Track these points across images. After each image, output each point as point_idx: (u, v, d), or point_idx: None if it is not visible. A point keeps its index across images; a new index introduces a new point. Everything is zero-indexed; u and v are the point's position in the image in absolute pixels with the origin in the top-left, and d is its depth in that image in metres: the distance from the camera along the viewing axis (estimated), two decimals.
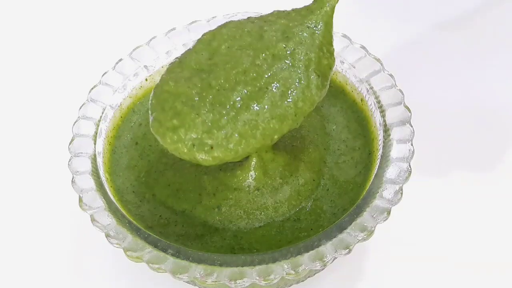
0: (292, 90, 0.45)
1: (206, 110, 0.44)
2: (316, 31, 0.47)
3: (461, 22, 0.73)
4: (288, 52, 0.46)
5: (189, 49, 0.49)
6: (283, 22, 0.47)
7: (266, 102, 0.45)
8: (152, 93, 0.47)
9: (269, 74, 0.45)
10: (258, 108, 0.45)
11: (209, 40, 0.48)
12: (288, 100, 0.45)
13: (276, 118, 0.45)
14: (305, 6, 0.48)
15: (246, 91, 0.45)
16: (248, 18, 0.49)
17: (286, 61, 0.46)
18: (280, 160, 0.50)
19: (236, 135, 0.44)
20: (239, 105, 0.45)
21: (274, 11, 0.49)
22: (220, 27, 0.49)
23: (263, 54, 0.46)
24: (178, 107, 0.45)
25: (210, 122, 0.44)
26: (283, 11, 0.49)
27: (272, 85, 0.45)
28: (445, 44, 0.70)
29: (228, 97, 0.45)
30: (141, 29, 0.64)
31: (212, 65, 0.46)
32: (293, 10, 0.48)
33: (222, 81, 0.45)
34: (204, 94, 0.45)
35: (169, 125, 0.45)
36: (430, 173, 0.58)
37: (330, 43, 0.47)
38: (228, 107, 0.45)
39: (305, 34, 0.47)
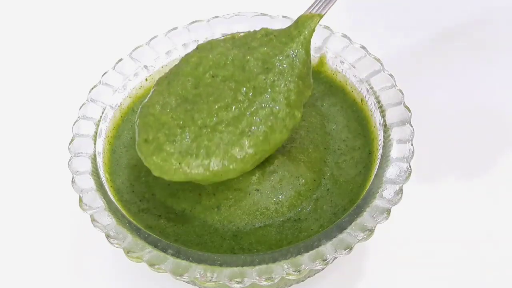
0: (270, 125, 0.47)
1: (187, 148, 0.46)
2: (295, 61, 0.49)
3: (461, 23, 0.72)
4: (268, 84, 0.48)
5: (178, 66, 0.51)
6: (264, 50, 0.50)
7: (246, 143, 0.46)
8: (138, 111, 0.50)
9: (249, 112, 0.47)
10: (237, 149, 0.46)
11: (196, 64, 0.50)
12: (266, 132, 0.47)
13: (254, 149, 0.46)
14: (287, 30, 0.50)
15: (226, 134, 0.47)
16: (234, 37, 0.52)
17: (266, 95, 0.48)
18: (279, 160, 0.50)
19: (216, 167, 0.46)
20: (219, 147, 0.47)
21: (261, 29, 0.51)
22: (208, 50, 0.51)
23: (244, 89, 0.48)
24: (160, 140, 0.47)
25: (190, 160, 0.46)
26: (267, 34, 0.51)
27: (252, 128, 0.47)
28: (445, 44, 0.70)
29: (210, 138, 0.47)
30: (141, 29, 0.64)
31: (197, 95, 0.49)
32: (275, 35, 0.50)
33: (204, 115, 0.47)
34: (186, 129, 0.47)
35: (151, 161, 0.47)
36: (430, 173, 0.58)
37: (308, 73, 0.50)
38: (208, 147, 0.46)
39: (284, 64, 0.49)
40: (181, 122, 0.47)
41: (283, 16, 0.58)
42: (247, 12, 0.58)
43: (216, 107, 0.48)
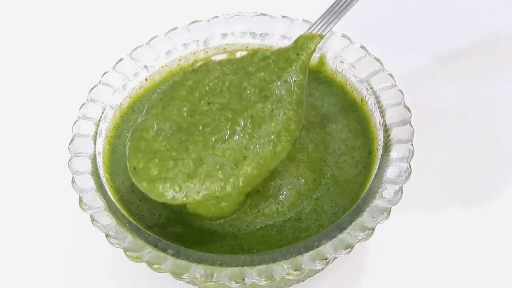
0: (267, 156, 0.46)
1: (180, 179, 0.45)
2: (293, 87, 0.48)
3: (461, 24, 0.72)
4: (266, 113, 0.47)
5: (173, 88, 0.50)
6: (261, 75, 0.49)
7: (239, 172, 0.45)
8: (130, 132, 0.49)
9: (246, 146, 0.46)
10: (231, 180, 0.45)
11: (191, 89, 0.49)
12: (260, 164, 0.46)
13: (244, 180, 0.46)
14: (285, 53, 0.50)
15: (221, 172, 0.45)
16: (230, 60, 0.51)
17: (264, 126, 0.46)
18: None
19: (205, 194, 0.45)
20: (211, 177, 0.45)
21: (258, 52, 0.50)
22: (203, 73, 0.50)
23: (242, 120, 0.47)
24: (151, 171, 0.46)
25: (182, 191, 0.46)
26: (264, 59, 0.50)
27: (247, 160, 0.45)
28: (446, 44, 0.70)
29: (202, 171, 0.45)
30: (141, 29, 0.64)
31: (192, 124, 0.47)
32: (273, 59, 0.50)
33: (200, 148, 0.46)
34: (179, 163, 0.46)
35: (143, 187, 0.46)
36: (430, 173, 0.58)
37: (305, 96, 0.48)
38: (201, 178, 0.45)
39: (282, 91, 0.48)
40: (175, 154, 0.46)
41: (283, 16, 0.58)
42: (247, 12, 0.58)
43: (213, 139, 0.46)
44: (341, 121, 0.54)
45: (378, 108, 0.52)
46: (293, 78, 0.49)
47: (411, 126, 0.49)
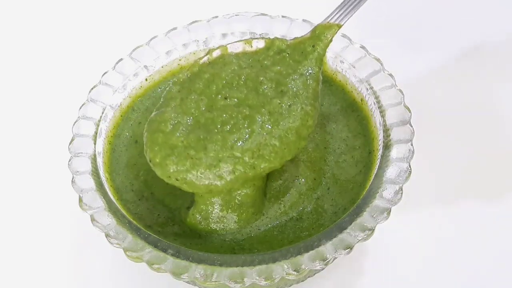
0: (284, 156, 0.46)
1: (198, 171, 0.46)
2: (309, 81, 0.48)
3: (462, 24, 0.72)
4: (284, 109, 0.47)
5: (191, 80, 0.49)
6: (277, 69, 0.48)
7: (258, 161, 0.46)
8: (147, 122, 0.48)
9: (265, 144, 0.46)
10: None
11: (208, 82, 0.49)
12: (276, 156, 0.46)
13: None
14: (301, 44, 0.49)
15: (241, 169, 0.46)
16: (246, 53, 0.50)
17: (283, 123, 0.46)
18: None
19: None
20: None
21: (274, 44, 0.50)
22: (220, 66, 0.50)
23: (260, 118, 0.46)
24: (169, 166, 0.46)
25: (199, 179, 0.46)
26: (279, 52, 0.49)
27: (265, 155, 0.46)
28: (446, 44, 0.70)
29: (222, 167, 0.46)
30: (141, 29, 0.64)
31: (210, 121, 0.47)
32: (288, 52, 0.49)
33: (218, 148, 0.46)
34: (197, 163, 0.46)
35: (166, 172, 0.46)
36: (430, 173, 0.58)
37: (318, 94, 0.48)
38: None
39: (299, 84, 0.48)
40: (193, 153, 0.46)
41: (282, 16, 0.58)
42: (247, 12, 0.58)
43: (232, 140, 0.46)
44: (341, 120, 0.54)
45: (378, 108, 0.52)
46: (309, 71, 0.48)
47: (411, 126, 0.49)
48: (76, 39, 0.74)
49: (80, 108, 0.53)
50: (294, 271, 0.43)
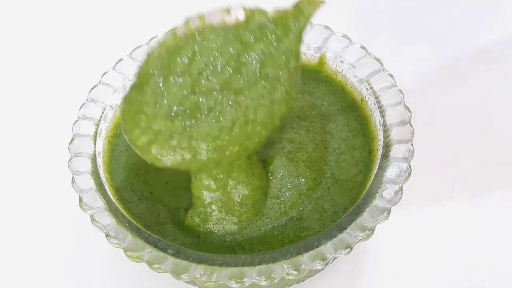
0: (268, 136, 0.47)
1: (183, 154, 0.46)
2: (291, 59, 0.47)
3: (462, 24, 0.73)
4: (268, 89, 0.46)
5: (169, 51, 0.47)
6: (260, 48, 0.47)
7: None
8: (125, 102, 0.46)
9: (251, 127, 0.46)
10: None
11: (189, 60, 0.46)
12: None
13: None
14: (283, 18, 0.47)
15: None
16: (225, 26, 0.48)
17: (267, 108, 0.46)
18: (280, 160, 0.50)
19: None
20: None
21: (254, 15, 0.47)
22: (199, 42, 0.47)
23: (245, 100, 0.46)
24: (152, 151, 0.46)
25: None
26: (261, 27, 0.47)
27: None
28: (446, 44, 0.70)
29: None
30: (141, 29, 0.64)
31: (195, 106, 0.46)
32: (270, 28, 0.47)
33: (204, 136, 0.46)
34: (181, 151, 0.46)
35: (148, 156, 0.47)
36: (430, 173, 0.58)
37: (299, 70, 0.48)
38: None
39: (281, 64, 0.47)
40: (177, 143, 0.46)
41: None
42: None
43: (218, 130, 0.46)
44: (341, 120, 0.54)
45: (378, 108, 0.52)
46: (291, 48, 0.47)
47: (411, 126, 0.49)
48: (76, 39, 0.74)
49: (80, 108, 0.53)
50: (294, 271, 0.43)
